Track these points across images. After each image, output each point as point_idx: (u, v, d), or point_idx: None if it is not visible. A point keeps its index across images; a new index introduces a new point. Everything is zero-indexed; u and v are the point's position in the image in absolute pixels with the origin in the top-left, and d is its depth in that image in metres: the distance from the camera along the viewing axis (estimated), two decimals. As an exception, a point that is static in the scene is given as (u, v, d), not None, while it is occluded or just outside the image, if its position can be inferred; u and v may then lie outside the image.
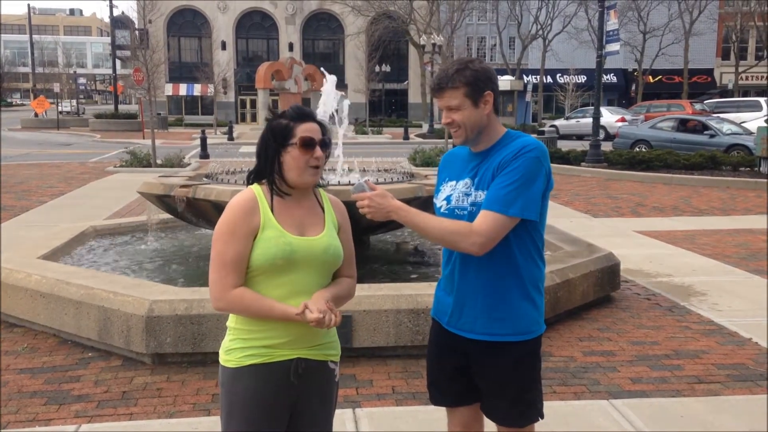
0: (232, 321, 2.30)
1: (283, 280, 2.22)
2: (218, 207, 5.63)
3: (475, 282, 2.43)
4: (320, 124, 2.28)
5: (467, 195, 2.42)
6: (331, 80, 6.78)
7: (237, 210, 2.21)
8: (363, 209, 2.33)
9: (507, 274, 2.41)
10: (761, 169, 16.22)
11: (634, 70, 49.81)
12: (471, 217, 2.38)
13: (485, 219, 2.31)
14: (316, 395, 2.34)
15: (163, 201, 6.25)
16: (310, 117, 2.27)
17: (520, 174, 2.30)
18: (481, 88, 2.38)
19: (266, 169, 2.26)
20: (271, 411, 2.25)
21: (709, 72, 52.58)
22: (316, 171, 2.26)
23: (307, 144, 2.22)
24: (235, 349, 2.25)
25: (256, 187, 2.28)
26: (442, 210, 2.50)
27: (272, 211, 2.24)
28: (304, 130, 2.23)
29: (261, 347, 2.23)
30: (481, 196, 2.37)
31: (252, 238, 2.20)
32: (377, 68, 45.68)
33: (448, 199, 2.49)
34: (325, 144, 2.27)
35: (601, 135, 20.58)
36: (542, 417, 2.53)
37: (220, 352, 2.32)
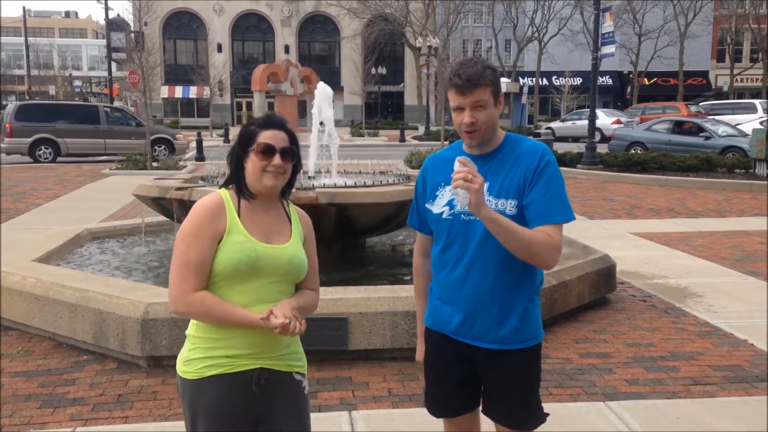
0: (192, 329, 2.25)
1: (246, 287, 2.18)
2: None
3: (491, 291, 2.39)
4: (289, 132, 2.26)
5: None
6: (320, 88, 6.79)
7: (203, 212, 2.18)
8: (475, 180, 2.15)
9: (521, 281, 2.40)
10: (756, 170, 16.27)
11: (630, 72, 49.97)
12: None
13: (557, 232, 2.30)
14: (282, 407, 2.28)
15: (159, 203, 6.24)
16: (277, 124, 2.25)
17: (557, 181, 2.35)
18: (499, 89, 2.39)
19: (232, 174, 2.27)
20: (235, 422, 2.20)
21: (705, 74, 52.76)
22: (275, 177, 2.22)
23: (265, 151, 2.19)
24: (195, 359, 2.20)
25: (224, 191, 2.26)
26: (444, 216, 2.42)
27: (239, 216, 2.21)
28: (265, 137, 2.20)
29: (222, 357, 2.18)
30: (504, 204, 2.33)
31: (216, 241, 2.16)
32: (373, 70, 45.75)
33: (450, 204, 2.41)
34: (288, 152, 2.23)
35: (597, 137, 20.65)
36: (547, 416, 2.55)
37: (178, 362, 2.26)
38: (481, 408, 2.59)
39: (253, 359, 2.21)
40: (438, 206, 2.46)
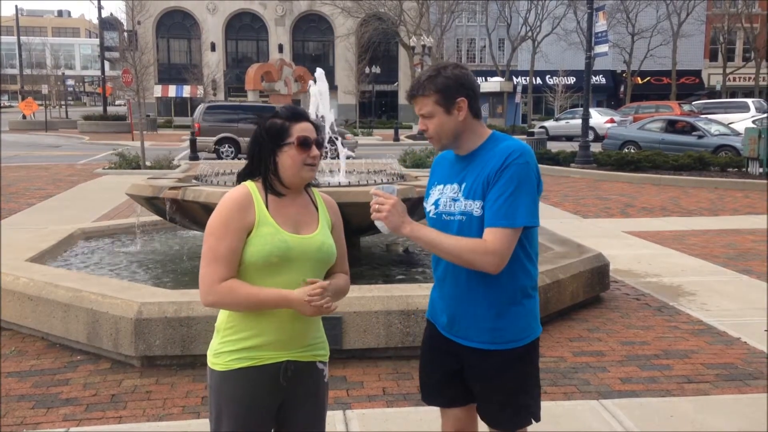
0: (221, 322, 2.29)
1: (277, 278, 2.20)
2: (207, 209, 5.61)
3: (467, 290, 2.41)
4: (314, 123, 2.30)
5: (454, 200, 2.40)
6: (319, 76, 6.77)
7: (231, 205, 2.20)
8: (383, 207, 2.26)
9: (497, 283, 2.38)
10: (749, 169, 16.33)
11: (623, 71, 50.05)
12: (461, 225, 2.36)
13: (496, 236, 2.27)
14: (304, 395, 2.34)
15: (152, 203, 6.22)
16: (304, 117, 2.29)
17: (516, 183, 2.28)
18: (452, 96, 2.35)
19: (260, 169, 2.26)
20: (260, 413, 2.26)
21: (697, 73, 52.90)
22: (312, 169, 2.27)
23: (304, 143, 2.22)
24: (224, 352, 2.25)
25: (250, 184, 2.27)
26: (431, 214, 2.48)
27: (267, 208, 2.23)
28: (300, 129, 2.23)
29: (250, 349, 2.23)
30: (471, 205, 2.34)
31: (245, 233, 2.19)
32: (367, 70, 45.69)
33: (436, 203, 2.47)
34: (319, 143, 2.28)
35: (591, 136, 20.65)
36: (537, 420, 2.52)
37: (209, 354, 2.31)
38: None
39: (279, 352, 2.25)
40: (428, 204, 2.53)
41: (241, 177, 2.32)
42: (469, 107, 2.38)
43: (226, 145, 23.13)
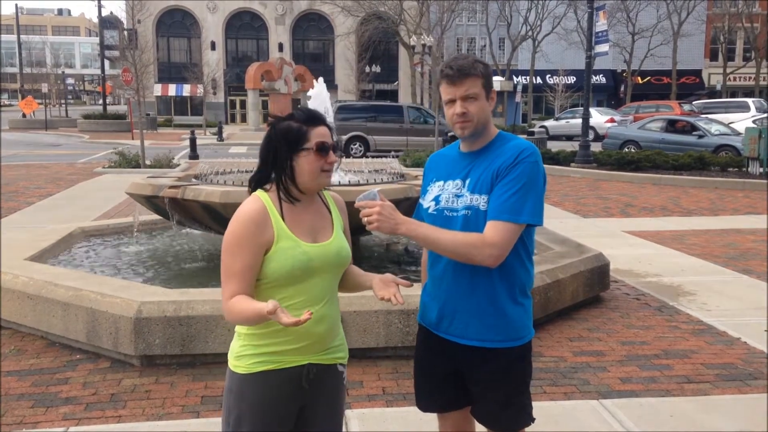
0: (242, 327, 2.26)
1: (299, 287, 2.18)
2: (207, 208, 5.61)
3: (468, 287, 2.40)
4: (329, 127, 2.27)
5: (458, 196, 2.40)
6: (320, 85, 6.78)
7: (246, 222, 2.14)
8: (370, 218, 2.24)
9: (500, 280, 2.38)
10: (749, 169, 16.33)
11: (623, 71, 50.02)
12: (466, 220, 2.35)
13: (497, 229, 2.27)
14: (325, 398, 2.33)
15: (152, 202, 6.22)
16: (321, 120, 2.25)
17: (524, 180, 2.29)
18: (491, 83, 2.42)
19: (275, 173, 2.21)
20: (282, 415, 2.25)
21: (698, 73, 52.87)
22: (329, 175, 2.24)
23: (322, 149, 2.19)
24: (246, 355, 2.22)
25: (263, 195, 2.21)
26: (429, 211, 2.47)
27: (283, 219, 2.19)
28: (318, 134, 2.19)
29: (272, 353, 2.21)
30: (477, 199, 2.34)
31: (262, 250, 2.15)
32: (367, 69, 45.66)
33: (436, 199, 2.46)
34: (337, 148, 2.26)
35: (591, 136, 20.65)
36: (533, 420, 2.52)
37: (230, 356, 2.28)
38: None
39: (301, 355, 2.24)
40: (426, 201, 2.52)
41: (254, 182, 2.25)
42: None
43: (357, 144, 23.69)
